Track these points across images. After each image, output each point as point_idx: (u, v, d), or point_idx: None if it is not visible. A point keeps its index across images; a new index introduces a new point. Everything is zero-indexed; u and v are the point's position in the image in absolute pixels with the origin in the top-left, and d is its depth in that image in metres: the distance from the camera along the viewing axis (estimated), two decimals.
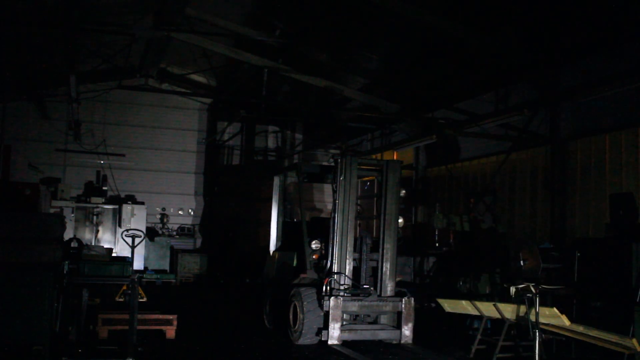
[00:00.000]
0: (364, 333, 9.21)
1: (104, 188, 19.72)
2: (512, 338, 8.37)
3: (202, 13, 14.65)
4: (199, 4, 14.32)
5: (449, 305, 9.13)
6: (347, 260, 9.17)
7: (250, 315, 11.89)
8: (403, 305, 9.14)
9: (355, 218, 9.44)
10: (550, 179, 12.77)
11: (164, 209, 21.50)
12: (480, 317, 8.80)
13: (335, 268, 9.12)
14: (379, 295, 9.22)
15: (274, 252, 11.09)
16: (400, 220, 9.67)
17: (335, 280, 9.06)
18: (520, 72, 13.02)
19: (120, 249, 17.70)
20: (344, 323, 9.07)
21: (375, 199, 10.43)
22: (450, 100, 15.50)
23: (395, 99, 16.37)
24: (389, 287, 9.29)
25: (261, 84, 15.22)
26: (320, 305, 8.84)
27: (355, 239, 9.38)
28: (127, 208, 19.08)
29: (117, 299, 10.95)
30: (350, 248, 9.20)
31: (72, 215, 18.75)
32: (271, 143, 22.76)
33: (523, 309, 7.68)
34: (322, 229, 9.61)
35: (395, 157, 17.15)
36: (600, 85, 10.40)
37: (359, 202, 10.21)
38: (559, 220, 12.46)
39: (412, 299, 9.24)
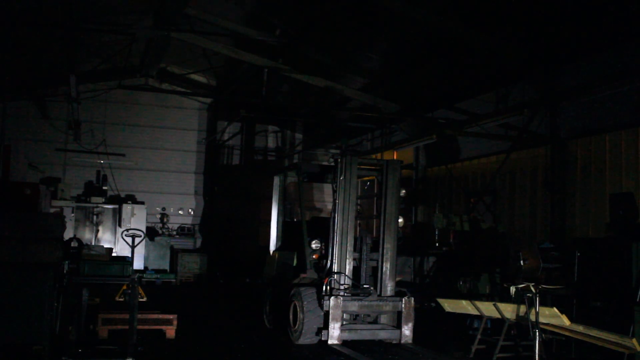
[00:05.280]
0: (364, 333, 9.21)
1: (104, 188, 19.74)
2: (512, 338, 8.37)
3: (202, 13, 14.65)
4: (199, 4, 14.32)
5: (449, 305, 9.13)
6: (347, 260, 9.17)
7: (250, 315, 11.89)
8: (403, 305, 9.14)
9: (355, 218, 9.44)
10: (550, 179, 12.77)
11: (164, 209, 21.50)
12: (480, 317, 8.80)
13: (335, 268, 9.12)
14: (379, 295, 9.22)
15: (274, 252, 11.09)
16: (400, 220, 9.66)
17: (335, 280, 9.06)
18: (520, 72, 13.01)
19: (120, 249, 17.71)
20: (344, 323, 9.07)
21: (375, 199, 10.42)
22: (450, 100, 15.49)
23: (395, 99, 16.36)
24: (389, 287, 9.29)
25: (261, 84, 15.21)
26: (320, 305, 8.84)
27: (355, 239, 9.38)
28: (127, 208, 19.09)
29: (117, 298, 10.96)
30: (350, 248, 9.20)
31: (72, 215, 18.77)
32: (271, 143, 22.75)
33: (523, 309, 7.68)
34: (322, 228, 9.61)
35: (395, 157, 17.13)
36: (600, 85, 10.40)
37: (359, 202, 10.20)
38: (559, 220, 12.45)
39: (412, 298, 9.24)
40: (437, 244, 14.44)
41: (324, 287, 8.92)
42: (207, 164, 22.24)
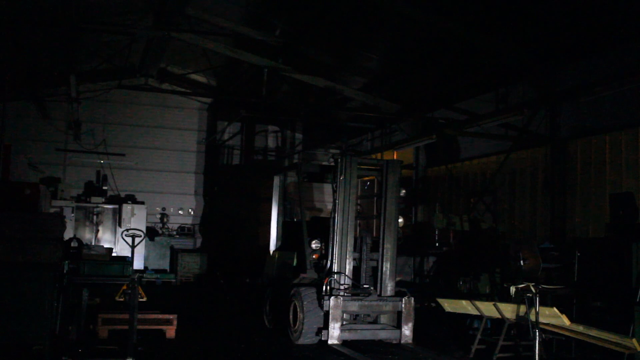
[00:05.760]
0: (364, 333, 9.21)
1: (104, 188, 19.72)
2: (512, 338, 8.37)
3: (202, 13, 14.65)
4: (199, 4, 14.32)
5: (449, 305, 9.13)
6: (347, 260, 9.17)
7: (250, 315, 11.89)
8: (403, 305, 9.14)
9: (355, 218, 9.44)
10: (550, 179, 12.77)
11: (164, 209, 21.49)
12: (480, 317, 8.80)
13: (335, 268, 9.12)
14: (379, 295, 9.22)
15: (274, 252, 11.09)
16: (400, 220, 9.67)
17: (335, 280, 9.06)
18: (520, 72, 13.02)
19: (120, 249, 17.69)
20: (344, 323, 9.07)
21: (375, 199, 10.42)
22: (450, 100, 15.50)
23: (395, 99, 16.36)
24: (389, 287, 9.29)
25: (261, 84, 15.22)
26: (320, 305, 8.84)
27: (355, 239, 9.38)
28: (127, 208, 19.08)
29: (117, 298, 10.93)
30: (350, 248, 9.20)
31: (72, 215, 18.74)
32: (271, 143, 22.76)
33: (523, 309, 7.67)
34: (322, 228, 9.61)
35: (395, 157, 17.13)
36: (600, 85, 10.39)
37: (359, 202, 10.19)
38: (559, 220, 12.46)
39: (412, 298, 9.24)
40: (437, 244, 14.45)
41: (324, 287, 8.92)
42: (207, 164, 22.24)
